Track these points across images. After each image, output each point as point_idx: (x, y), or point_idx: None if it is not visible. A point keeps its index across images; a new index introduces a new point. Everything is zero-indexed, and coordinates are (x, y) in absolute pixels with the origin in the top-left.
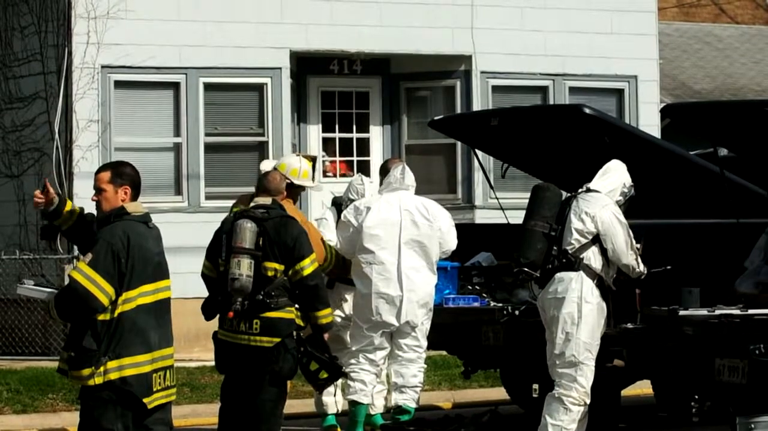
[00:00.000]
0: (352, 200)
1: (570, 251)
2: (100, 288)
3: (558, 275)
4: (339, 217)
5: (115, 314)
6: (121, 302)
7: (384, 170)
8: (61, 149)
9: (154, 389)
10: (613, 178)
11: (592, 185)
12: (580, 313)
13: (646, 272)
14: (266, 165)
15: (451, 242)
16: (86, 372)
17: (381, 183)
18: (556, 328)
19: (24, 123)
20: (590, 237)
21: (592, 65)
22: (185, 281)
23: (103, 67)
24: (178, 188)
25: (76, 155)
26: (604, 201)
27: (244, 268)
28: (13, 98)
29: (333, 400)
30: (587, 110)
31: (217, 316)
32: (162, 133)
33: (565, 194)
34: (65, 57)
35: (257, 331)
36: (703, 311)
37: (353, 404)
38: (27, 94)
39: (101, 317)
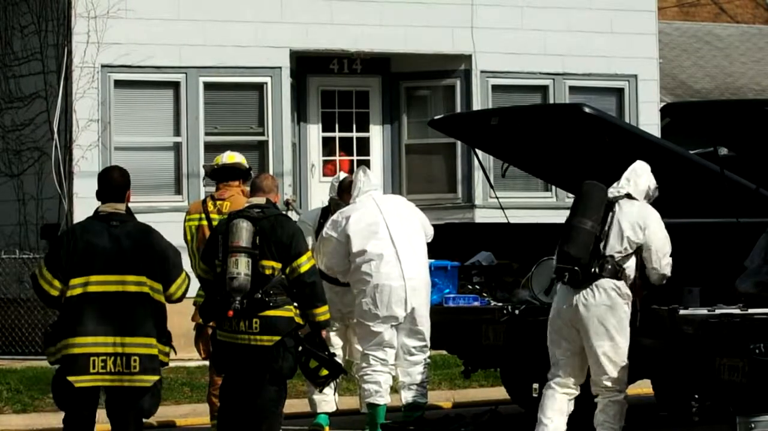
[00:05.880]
0: (334, 199)
1: (616, 259)
2: (47, 281)
3: (601, 281)
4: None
5: (63, 301)
6: (65, 288)
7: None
8: (60, 149)
9: (91, 371)
10: (644, 182)
11: (630, 189)
12: (623, 321)
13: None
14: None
15: (430, 228)
16: (45, 353)
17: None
18: (599, 336)
19: (24, 122)
20: (635, 248)
21: (592, 64)
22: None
23: (102, 66)
24: (178, 188)
25: (76, 155)
26: (655, 214)
27: (242, 266)
28: (13, 98)
29: (329, 398)
30: (587, 109)
31: (215, 319)
32: (162, 132)
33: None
34: (65, 56)
35: (257, 330)
36: (703, 311)
37: (371, 407)
38: (27, 94)
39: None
